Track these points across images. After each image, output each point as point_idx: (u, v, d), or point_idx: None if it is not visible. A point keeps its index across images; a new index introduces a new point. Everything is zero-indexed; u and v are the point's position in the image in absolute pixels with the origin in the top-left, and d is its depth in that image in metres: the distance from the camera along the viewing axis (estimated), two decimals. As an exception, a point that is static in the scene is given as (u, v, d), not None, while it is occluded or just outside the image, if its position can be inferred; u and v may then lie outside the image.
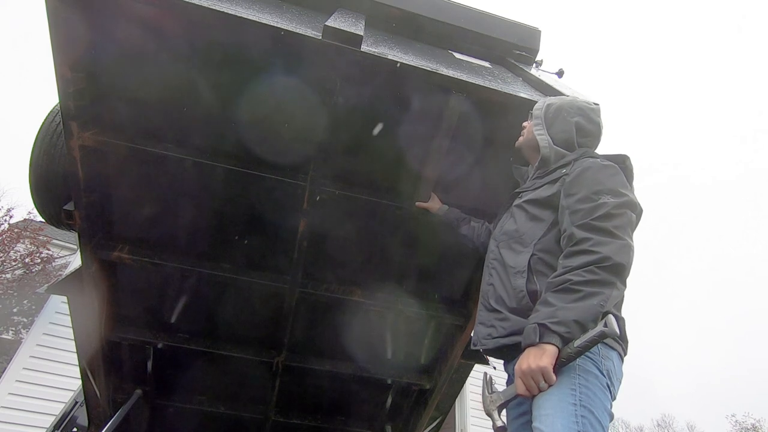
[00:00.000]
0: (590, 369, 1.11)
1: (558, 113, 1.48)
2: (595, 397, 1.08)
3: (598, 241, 1.11)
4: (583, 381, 1.09)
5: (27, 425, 4.74)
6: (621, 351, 1.22)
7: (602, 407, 1.08)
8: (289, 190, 1.86)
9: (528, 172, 1.61)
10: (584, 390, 1.07)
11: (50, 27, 1.38)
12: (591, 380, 1.10)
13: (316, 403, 2.77)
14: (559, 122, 1.47)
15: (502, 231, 1.48)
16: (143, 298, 2.31)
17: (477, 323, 1.44)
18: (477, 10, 2.07)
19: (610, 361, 1.16)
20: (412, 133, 1.79)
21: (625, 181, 1.29)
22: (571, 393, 1.07)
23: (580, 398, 1.06)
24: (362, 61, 1.50)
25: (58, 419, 3.33)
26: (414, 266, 2.21)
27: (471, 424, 6.69)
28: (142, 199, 1.96)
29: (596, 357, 1.14)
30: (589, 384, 1.09)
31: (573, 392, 1.07)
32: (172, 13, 1.40)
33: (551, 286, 1.12)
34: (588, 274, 1.07)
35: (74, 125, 1.61)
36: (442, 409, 2.78)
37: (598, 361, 1.13)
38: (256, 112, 1.72)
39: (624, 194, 1.21)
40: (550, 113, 1.49)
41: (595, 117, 1.51)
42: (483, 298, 1.45)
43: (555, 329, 1.04)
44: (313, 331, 2.42)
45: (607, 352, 1.17)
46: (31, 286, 9.40)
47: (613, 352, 1.19)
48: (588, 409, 1.05)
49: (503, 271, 1.37)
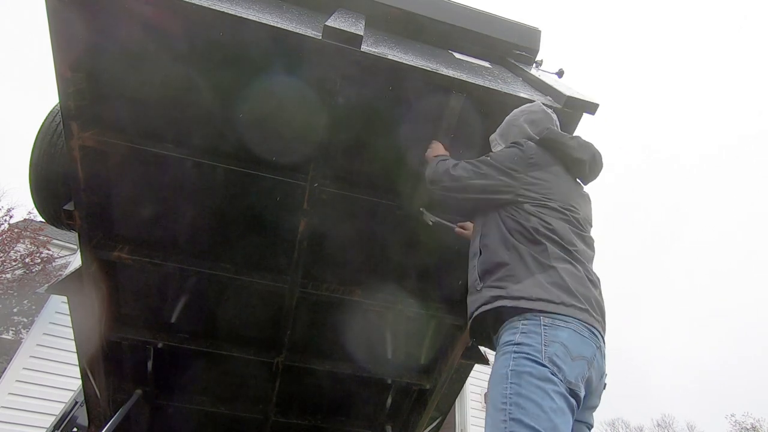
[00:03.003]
0: (523, 368, 1.08)
1: (508, 126, 1.66)
2: (529, 401, 1.03)
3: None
4: (514, 389, 1.06)
5: (27, 425, 4.75)
6: (582, 323, 1.16)
7: (538, 410, 1.01)
8: (289, 190, 1.86)
9: None
10: (515, 398, 1.04)
11: (50, 27, 1.38)
12: (524, 383, 1.06)
13: (316, 403, 2.78)
14: (511, 130, 1.64)
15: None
16: (143, 298, 2.31)
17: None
18: (477, 10, 2.07)
19: (557, 344, 1.11)
20: (412, 133, 1.79)
21: (512, 156, 1.48)
22: (501, 408, 1.05)
23: (510, 411, 1.03)
24: (362, 61, 1.50)
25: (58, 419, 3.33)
26: (414, 266, 2.21)
27: (471, 424, 6.70)
28: (142, 199, 1.96)
29: (533, 347, 1.10)
30: (522, 389, 1.05)
31: (504, 406, 1.05)
32: (172, 13, 1.40)
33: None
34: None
35: (74, 125, 1.61)
36: (442, 409, 2.79)
37: (534, 353, 1.09)
38: (256, 112, 1.72)
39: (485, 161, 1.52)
40: (502, 130, 1.68)
41: (536, 108, 1.63)
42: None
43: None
44: (313, 331, 2.42)
45: (553, 333, 1.12)
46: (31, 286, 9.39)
47: (563, 331, 1.13)
48: (519, 421, 1.00)
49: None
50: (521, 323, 1.18)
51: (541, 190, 1.41)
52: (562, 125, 1.67)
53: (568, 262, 1.27)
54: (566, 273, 1.23)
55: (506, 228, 1.38)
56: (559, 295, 1.19)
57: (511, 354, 1.13)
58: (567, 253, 1.29)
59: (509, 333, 1.19)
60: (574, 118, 1.68)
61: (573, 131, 1.72)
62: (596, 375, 1.17)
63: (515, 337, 1.16)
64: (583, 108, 1.65)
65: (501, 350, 1.19)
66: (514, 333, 1.17)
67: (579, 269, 1.27)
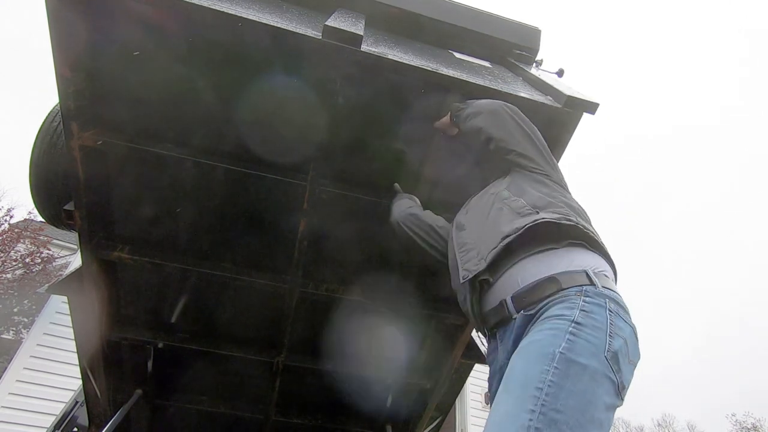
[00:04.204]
0: (578, 357, 0.81)
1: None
2: (572, 399, 0.77)
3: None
4: (559, 376, 0.79)
5: (27, 425, 4.75)
6: (631, 323, 0.94)
7: (580, 415, 0.76)
8: (289, 190, 1.86)
9: None
10: (556, 389, 0.78)
11: (50, 27, 1.38)
12: (573, 374, 0.79)
13: (316, 402, 2.78)
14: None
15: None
16: (143, 298, 2.31)
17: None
18: (477, 9, 2.07)
19: (622, 339, 0.87)
20: (412, 133, 1.79)
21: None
22: (533, 394, 0.79)
23: (544, 403, 0.77)
24: (362, 61, 1.50)
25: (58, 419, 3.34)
26: (414, 266, 2.21)
27: (471, 423, 6.70)
28: (142, 199, 1.96)
29: (596, 336, 0.84)
30: (568, 381, 0.79)
31: (538, 393, 0.78)
32: (172, 12, 1.40)
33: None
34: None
35: (74, 125, 1.61)
36: (442, 408, 2.79)
37: (598, 342, 0.83)
38: (256, 112, 1.72)
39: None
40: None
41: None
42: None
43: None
44: (313, 331, 2.42)
45: (619, 325, 0.88)
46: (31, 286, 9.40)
47: (626, 326, 0.91)
48: (552, 419, 0.75)
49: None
50: (582, 300, 0.92)
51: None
52: (562, 125, 1.66)
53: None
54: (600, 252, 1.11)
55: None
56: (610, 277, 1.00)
57: (566, 333, 0.86)
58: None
59: (563, 306, 0.93)
60: (575, 118, 1.68)
61: (573, 131, 1.72)
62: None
63: (574, 313, 0.89)
64: (583, 108, 1.65)
65: (547, 323, 0.92)
66: (571, 308, 0.91)
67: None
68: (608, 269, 1.11)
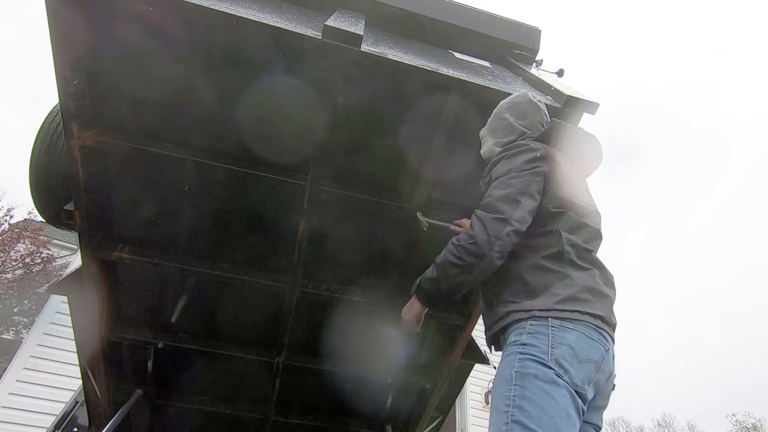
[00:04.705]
0: (528, 370, 1.06)
1: (495, 119, 1.58)
2: (533, 404, 1.01)
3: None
4: (518, 391, 1.04)
5: (28, 425, 4.75)
6: (591, 325, 1.13)
7: (541, 413, 1.00)
8: (289, 190, 1.86)
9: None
10: (518, 401, 1.03)
11: (50, 27, 1.38)
12: (528, 385, 1.04)
13: (316, 402, 2.78)
14: (497, 123, 1.57)
15: None
16: (143, 298, 2.31)
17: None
18: (477, 9, 2.07)
19: (565, 346, 1.08)
20: (412, 133, 1.79)
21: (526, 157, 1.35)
22: (504, 410, 1.04)
23: (512, 414, 1.02)
24: (362, 61, 1.50)
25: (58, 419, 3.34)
26: (414, 266, 2.21)
27: (471, 423, 6.70)
28: (143, 199, 1.96)
29: (539, 348, 1.08)
30: (526, 391, 1.03)
31: (507, 408, 1.03)
32: (172, 13, 1.40)
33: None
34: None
35: (74, 125, 1.61)
36: (442, 408, 2.78)
37: (540, 354, 1.07)
38: (256, 112, 1.72)
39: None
40: (490, 125, 1.60)
41: (521, 99, 1.56)
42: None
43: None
44: (313, 331, 2.42)
45: (561, 335, 1.10)
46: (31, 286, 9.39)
47: (571, 333, 1.11)
48: (521, 424, 0.99)
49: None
50: (529, 323, 1.16)
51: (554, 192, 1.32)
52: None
53: (584, 269, 1.23)
54: (581, 280, 1.20)
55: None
56: (570, 302, 1.16)
57: (517, 354, 1.11)
58: (583, 259, 1.24)
59: (516, 333, 1.18)
60: (575, 118, 1.68)
61: None
62: (604, 376, 1.14)
63: (522, 338, 1.14)
64: (583, 107, 1.65)
65: (507, 350, 1.17)
66: (520, 333, 1.15)
67: (595, 272, 1.24)
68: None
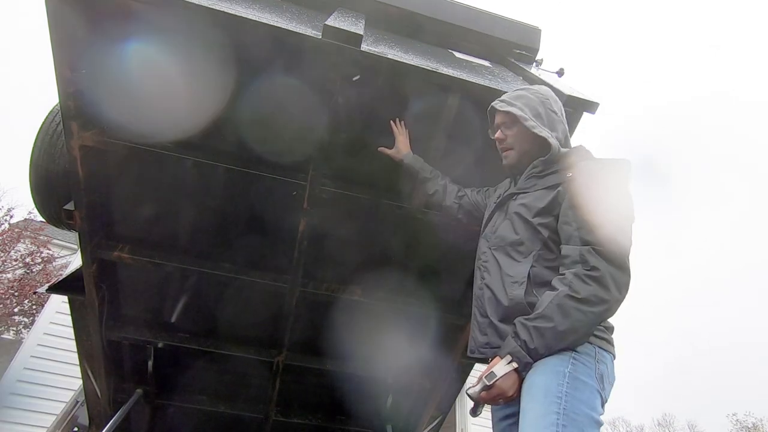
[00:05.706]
0: (580, 377, 1.12)
1: (546, 111, 1.40)
2: (582, 405, 1.08)
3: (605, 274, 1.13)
4: (571, 390, 1.09)
5: (28, 425, 4.75)
6: (614, 353, 1.24)
7: (588, 417, 1.07)
8: (289, 190, 1.86)
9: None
10: (570, 399, 1.08)
11: (50, 27, 1.38)
12: (580, 387, 1.10)
13: (316, 402, 2.78)
14: (552, 117, 1.40)
15: (497, 234, 1.40)
16: (143, 298, 2.31)
17: (473, 328, 1.40)
18: (477, 9, 2.07)
19: (604, 365, 1.17)
20: (412, 133, 1.79)
21: (628, 183, 1.27)
22: (556, 401, 1.08)
23: (565, 407, 1.07)
24: (362, 61, 1.50)
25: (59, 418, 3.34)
26: (414, 265, 2.21)
27: (471, 423, 6.69)
28: (142, 199, 1.96)
29: (590, 362, 1.15)
30: (576, 393, 1.09)
31: (558, 400, 1.08)
32: (171, 12, 1.40)
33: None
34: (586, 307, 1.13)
35: (74, 125, 1.61)
36: (442, 408, 2.78)
37: (591, 366, 1.14)
38: (256, 111, 1.72)
39: (632, 211, 1.23)
40: (536, 112, 1.38)
41: (553, 94, 1.47)
42: (477, 302, 1.40)
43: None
44: (313, 331, 2.42)
45: (603, 355, 1.18)
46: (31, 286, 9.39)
47: (608, 355, 1.20)
48: (572, 418, 1.05)
49: (498, 277, 1.33)
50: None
51: None
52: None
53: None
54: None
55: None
56: (610, 331, 1.24)
57: (570, 359, 1.13)
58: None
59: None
60: (575, 118, 1.68)
61: (573, 130, 1.72)
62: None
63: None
64: (583, 107, 1.65)
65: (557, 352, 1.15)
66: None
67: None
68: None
